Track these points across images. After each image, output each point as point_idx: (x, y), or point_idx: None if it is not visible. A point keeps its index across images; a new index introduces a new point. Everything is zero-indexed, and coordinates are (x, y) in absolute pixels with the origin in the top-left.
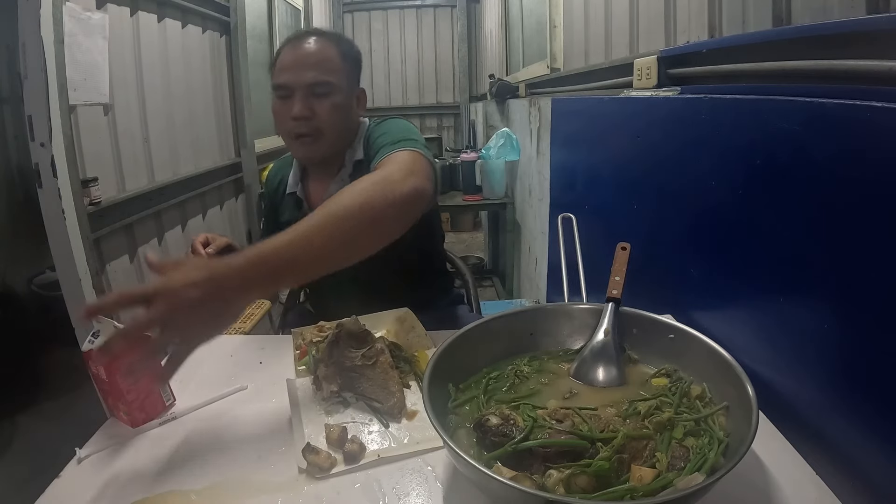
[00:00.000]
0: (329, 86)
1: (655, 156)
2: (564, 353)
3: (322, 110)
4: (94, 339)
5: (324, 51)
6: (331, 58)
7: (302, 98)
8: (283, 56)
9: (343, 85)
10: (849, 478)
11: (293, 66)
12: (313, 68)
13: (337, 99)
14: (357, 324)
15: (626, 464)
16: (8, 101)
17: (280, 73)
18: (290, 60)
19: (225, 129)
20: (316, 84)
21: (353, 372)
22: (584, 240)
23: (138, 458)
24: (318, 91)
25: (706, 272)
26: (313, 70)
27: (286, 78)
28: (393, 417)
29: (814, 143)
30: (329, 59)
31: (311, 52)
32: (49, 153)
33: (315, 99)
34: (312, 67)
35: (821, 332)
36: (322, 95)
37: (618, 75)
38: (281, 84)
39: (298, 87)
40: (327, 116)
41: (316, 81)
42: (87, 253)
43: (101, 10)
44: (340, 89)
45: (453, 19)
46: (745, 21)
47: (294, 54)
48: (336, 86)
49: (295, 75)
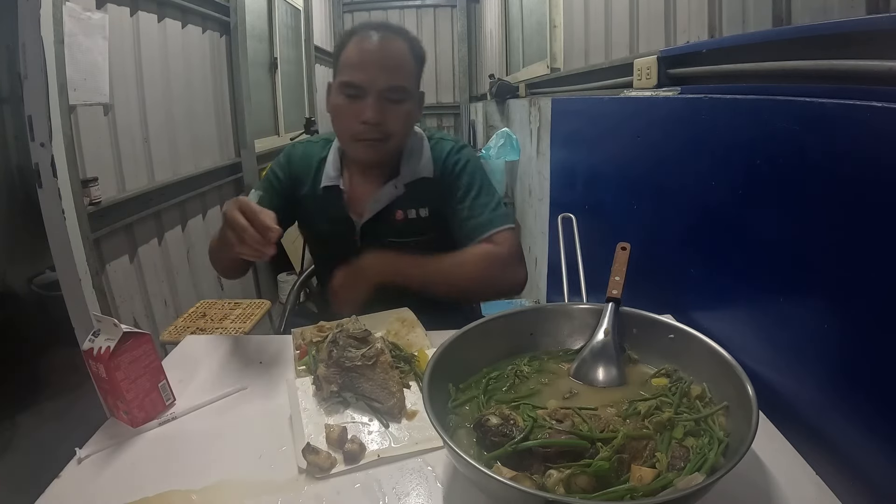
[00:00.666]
0: (404, 92)
1: (655, 156)
2: (564, 353)
3: (394, 117)
4: (94, 339)
5: (401, 52)
6: (407, 61)
7: (375, 102)
8: (354, 51)
9: (415, 91)
10: (849, 478)
11: (368, 66)
12: (391, 71)
13: (409, 106)
14: (357, 324)
15: (626, 464)
16: (8, 101)
17: (351, 70)
18: (365, 58)
19: (225, 129)
20: (391, 89)
21: (353, 372)
22: (584, 240)
23: (138, 458)
24: (393, 97)
25: (706, 272)
26: (391, 73)
27: (360, 78)
28: (393, 417)
29: (814, 143)
30: (406, 62)
31: (388, 52)
32: (49, 153)
33: (388, 104)
34: (390, 70)
35: (821, 332)
36: (396, 101)
37: (618, 75)
38: (353, 83)
39: (372, 89)
40: (399, 124)
41: (392, 86)
42: (87, 253)
43: (101, 10)
44: (412, 96)
45: (453, 19)
46: (745, 21)
47: (369, 52)
48: (410, 92)
49: (370, 76)
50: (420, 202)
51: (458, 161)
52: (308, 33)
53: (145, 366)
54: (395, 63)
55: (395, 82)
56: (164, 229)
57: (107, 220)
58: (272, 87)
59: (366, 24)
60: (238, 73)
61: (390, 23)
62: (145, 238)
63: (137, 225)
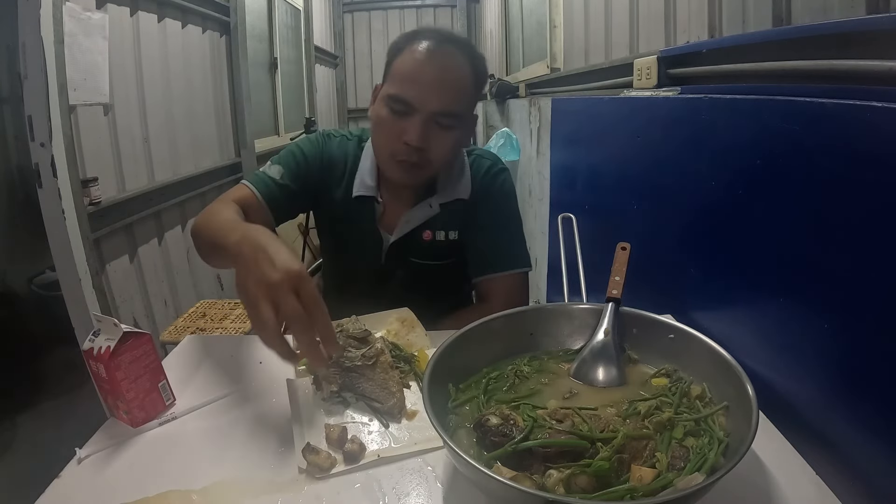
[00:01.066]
0: (456, 119)
1: (655, 156)
2: (564, 353)
3: (439, 143)
4: (94, 339)
5: (460, 73)
6: (466, 84)
7: (422, 124)
8: (410, 61)
9: (468, 117)
10: (849, 478)
11: (423, 83)
12: (445, 94)
13: (458, 134)
14: (357, 324)
15: (626, 464)
16: (8, 101)
17: (403, 83)
18: (420, 73)
19: (225, 129)
20: (443, 114)
21: (353, 372)
22: (584, 240)
23: (138, 458)
24: (443, 122)
25: (706, 272)
26: (446, 97)
27: (410, 95)
28: (393, 417)
29: (814, 144)
30: (464, 85)
31: (447, 71)
32: (49, 153)
33: (436, 128)
34: (445, 93)
35: (821, 332)
36: (445, 127)
37: (618, 75)
38: (401, 98)
39: (422, 110)
40: (443, 152)
41: (443, 111)
42: (87, 253)
43: (101, 10)
44: (464, 122)
45: (453, 19)
46: (745, 21)
47: (426, 67)
48: (462, 119)
49: (422, 96)
50: (451, 224)
51: (492, 185)
52: (308, 33)
53: (145, 366)
54: (452, 85)
55: (448, 107)
56: (164, 229)
57: (107, 220)
58: (272, 87)
59: (429, 32)
60: (238, 73)
61: (457, 34)
62: (145, 238)
63: (137, 225)
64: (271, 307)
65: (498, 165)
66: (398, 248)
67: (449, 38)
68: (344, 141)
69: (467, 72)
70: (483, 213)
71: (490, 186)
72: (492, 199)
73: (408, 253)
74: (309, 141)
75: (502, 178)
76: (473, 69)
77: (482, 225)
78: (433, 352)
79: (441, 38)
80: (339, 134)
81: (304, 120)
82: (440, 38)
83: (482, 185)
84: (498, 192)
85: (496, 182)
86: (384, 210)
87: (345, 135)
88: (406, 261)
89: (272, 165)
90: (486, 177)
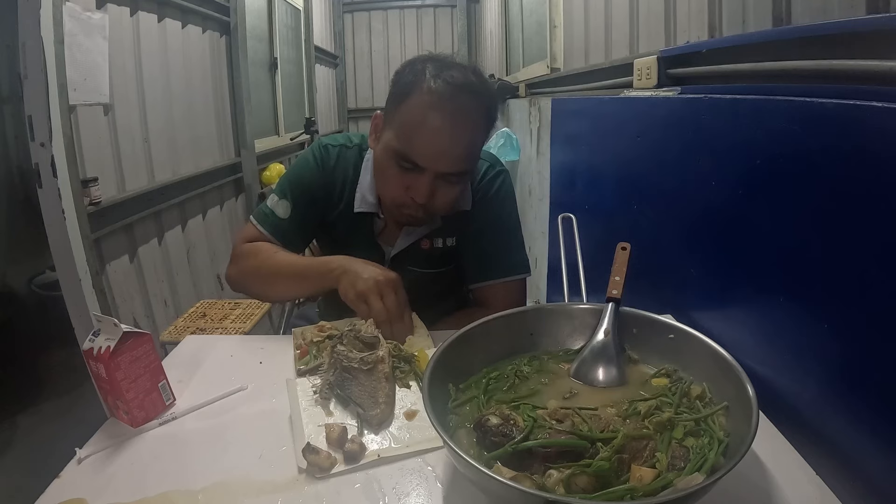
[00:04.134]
0: (462, 176)
1: (655, 156)
2: (564, 353)
3: (443, 197)
4: (94, 339)
5: (474, 131)
6: (478, 142)
7: (429, 183)
8: (420, 118)
9: (475, 167)
10: (849, 478)
11: (434, 148)
12: (457, 156)
13: (464, 185)
14: (371, 328)
15: (626, 464)
16: (8, 101)
17: (411, 142)
18: (432, 137)
19: (225, 129)
20: (451, 174)
21: (348, 373)
22: (584, 240)
23: (138, 458)
24: (451, 179)
25: (706, 272)
26: (456, 158)
27: (420, 156)
28: (371, 427)
29: (814, 144)
30: (476, 143)
31: (460, 132)
32: (49, 153)
33: (442, 183)
34: (456, 155)
35: (821, 332)
36: (451, 183)
37: (618, 75)
38: (410, 159)
39: (431, 170)
40: (447, 203)
41: (452, 172)
42: (87, 253)
43: (101, 10)
44: (471, 174)
45: (453, 19)
46: (745, 21)
47: (437, 127)
48: (469, 173)
49: (432, 158)
50: (449, 231)
51: (490, 188)
52: (308, 33)
53: (145, 366)
54: (465, 146)
55: (459, 168)
56: (164, 229)
57: (107, 220)
58: (272, 87)
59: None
60: (238, 73)
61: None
62: (145, 238)
63: (137, 225)
64: (381, 302)
65: (496, 168)
66: (398, 258)
67: (463, 85)
68: (343, 151)
69: (481, 123)
70: (481, 218)
71: (487, 190)
72: (489, 203)
73: (408, 262)
74: (308, 162)
75: (500, 180)
76: (487, 115)
77: (480, 230)
78: (433, 352)
79: (454, 84)
80: (338, 143)
81: (304, 120)
82: (453, 84)
83: (480, 189)
84: (495, 196)
85: (493, 185)
86: (385, 224)
87: (343, 143)
88: (406, 270)
89: (279, 200)
90: (483, 181)
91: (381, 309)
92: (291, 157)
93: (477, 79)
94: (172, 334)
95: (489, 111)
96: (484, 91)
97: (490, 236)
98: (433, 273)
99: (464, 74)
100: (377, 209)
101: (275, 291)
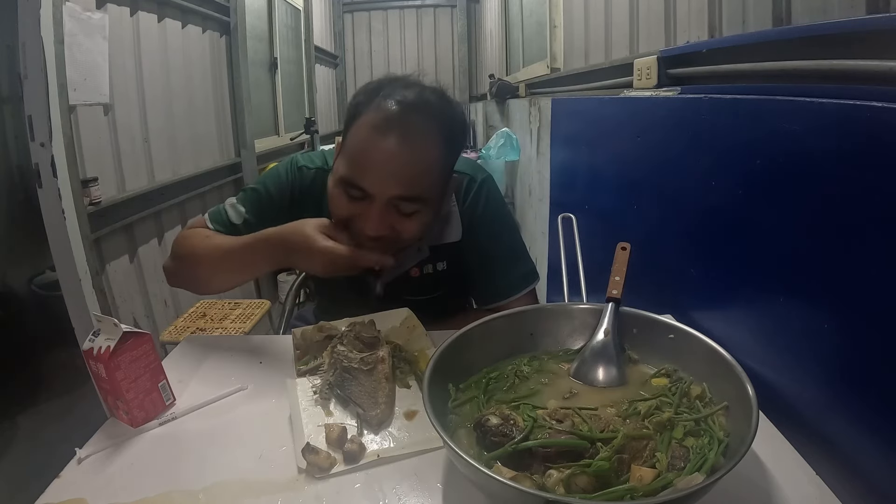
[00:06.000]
0: (419, 202)
1: (655, 156)
2: (564, 353)
3: (404, 229)
4: (94, 339)
5: (424, 152)
6: (431, 163)
7: (380, 212)
8: (364, 136)
9: (437, 195)
10: (849, 478)
11: (376, 168)
12: (404, 179)
13: (425, 217)
14: (371, 329)
15: (626, 464)
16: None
17: (354, 165)
18: (373, 154)
19: (225, 129)
20: (403, 199)
21: (347, 373)
22: (584, 240)
23: (138, 458)
24: (405, 209)
25: (706, 272)
26: (405, 182)
27: (365, 181)
28: (371, 427)
29: (814, 144)
30: (429, 165)
31: (409, 151)
32: (49, 153)
33: (396, 215)
34: (405, 178)
35: (821, 332)
36: (407, 214)
37: (618, 75)
38: (356, 184)
39: (380, 197)
40: (408, 235)
41: (403, 196)
42: (87, 253)
43: (101, 10)
44: (432, 202)
45: (453, 19)
46: (745, 21)
47: (380, 146)
48: (429, 201)
49: (378, 181)
50: (438, 257)
51: (476, 207)
52: (308, 33)
53: (145, 366)
54: (416, 169)
55: (410, 192)
56: (164, 229)
57: (107, 220)
58: (272, 87)
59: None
60: (238, 73)
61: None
62: (145, 238)
63: (137, 225)
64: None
65: (477, 179)
66: (388, 289)
67: (414, 104)
68: (320, 175)
69: (435, 145)
70: (477, 243)
71: (474, 210)
72: (481, 224)
73: (399, 291)
74: (279, 178)
75: (484, 192)
76: (445, 138)
77: (479, 255)
78: (433, 352)
79: (404, 103)
80: (315, 165)
81: (304, 120)
82: (403, 104)
83: (466, 212)
84: (484, 214)
85: (479, 202)
86: None
87: (321, 166)
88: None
89: (236, 205)
90: (468, 200)
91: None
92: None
93: (437, 99)
94: (172, 334)
95: (450, 133)
96: (442, 112)
97: (492, 258)
98: (426, 300)
99: (419, 94)
100: None
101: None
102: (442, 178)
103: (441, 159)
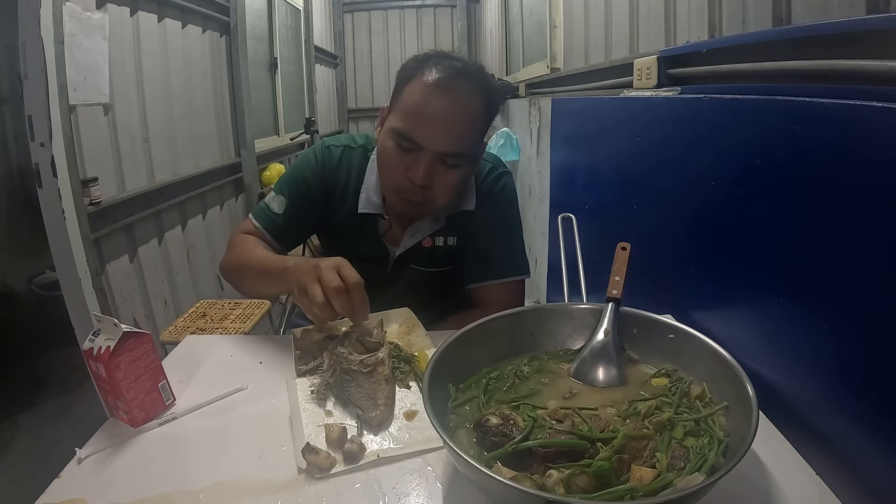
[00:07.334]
0: (462, 158)
1: (655, 156)
2: (564, 353)
3: (444, 182)
4: (94, 339)
5: (471, 112)
6: (476, 123)
7: (428, 163)
8: (420, 98)
9: (476, 155)
10: (849, 478)
11: (432, 125)
12: (454, 135)
13: (464, 172)
14: (371, 332)
15: (626, 464)
16: (8, 101)
17: (409, 120)
18: (430, 114)
19: (225, 129)
20: (451, 154)
21: (347, 375)
22: (584, 240)
23: (138, 458)
24: (449, 162)
25: (706, 272)
26: (453, 137)
27: (417, 133)
28: (371, 428)
29: (814, 144)
30: (474, 124)
31: (456, 110)
32: (49, 153)
33: (441, 167)
34: (453, 133)
35: (821, 332)
36: (451, 167)
37: (618, 75)
38: (408, 136)
39: (429, 149)
40: (447, 190)
41: (450, 152)
42: (87, 253)
43: (101, 10)
44: (472, 161)
45: (453, 19)
46: (745, 21)
47: (434, 104)
48: (469, 158)
49: (429, 135)
50: (452, 230)
51: (492, 189)
52: (308, 33)
53: (145, 366)
54: (462, 125)
55: (456, 148)
56: (164, 229)
57: (107, 220)
58: (272, 87)
59: (441, 60)
60: (238, 73)
61: (472, 63)
62: (145, 238)
63: (137, 225)
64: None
65: (499, 169)
66: (402, 258)
67: (462, 71)
68: (347, 151)
69: (479, 109)
70: (482, 219)
71: (490, 189)
72: (491, 204)
73: (411, 261)
74: (309, 160)
75: (503, 181)
76: (486, 104)
77: (481, 230)
78: (433, 352)
79: (454, 70)
80: (342, 143)
81: (304, 120)
82: (453, 70)
83: (483, 189)
84: (498, 196)
85: (496, 185)
86: (389, 225)
87: (347, 144)
88: (409, 269)
89: (275, 196)
90: (487, 180)
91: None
92: (291, 157)
93: (478, 71)
94: (172, 334)
95: (489, 102)
96: (484, 82)
97: (490, 235)
98: (434, 272)
99: (465, 65)
100: (382, 210)
101: (247, 286)
102: (479, 139)
103: (481, 122)
